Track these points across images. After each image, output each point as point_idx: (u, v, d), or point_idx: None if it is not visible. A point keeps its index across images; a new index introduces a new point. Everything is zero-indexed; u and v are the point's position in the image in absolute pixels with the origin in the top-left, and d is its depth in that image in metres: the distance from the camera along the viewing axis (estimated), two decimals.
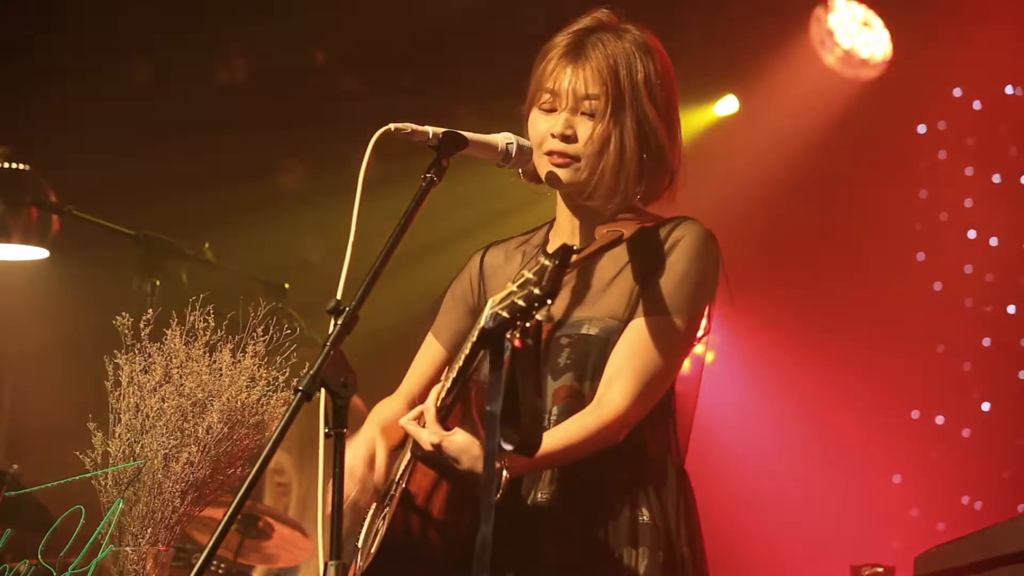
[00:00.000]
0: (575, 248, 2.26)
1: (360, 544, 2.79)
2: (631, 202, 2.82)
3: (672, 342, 2.70)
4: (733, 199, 6.76)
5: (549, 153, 2.78)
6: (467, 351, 2.46)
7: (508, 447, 2.20)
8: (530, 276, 2.17)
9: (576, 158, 2.77)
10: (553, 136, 2.78)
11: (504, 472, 2.52)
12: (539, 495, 2.71)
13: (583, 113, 2.77)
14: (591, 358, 2.72)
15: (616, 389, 2.66)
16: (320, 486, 2.42)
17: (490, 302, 2.22)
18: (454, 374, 2.54)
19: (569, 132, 2.77)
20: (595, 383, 2.71)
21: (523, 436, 2.21)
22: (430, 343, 2.99)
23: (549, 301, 2.15)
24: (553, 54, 2.82)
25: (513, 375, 2.17)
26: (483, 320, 2.23)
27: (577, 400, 2.71)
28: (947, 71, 6.85)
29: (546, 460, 2.61)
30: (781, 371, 6.94)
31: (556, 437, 2.62)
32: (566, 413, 2.70)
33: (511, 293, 2.18)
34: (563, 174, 2.78)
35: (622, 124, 2.76)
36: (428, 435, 2.58)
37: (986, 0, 6.64)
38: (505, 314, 2.18)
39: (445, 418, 2.59)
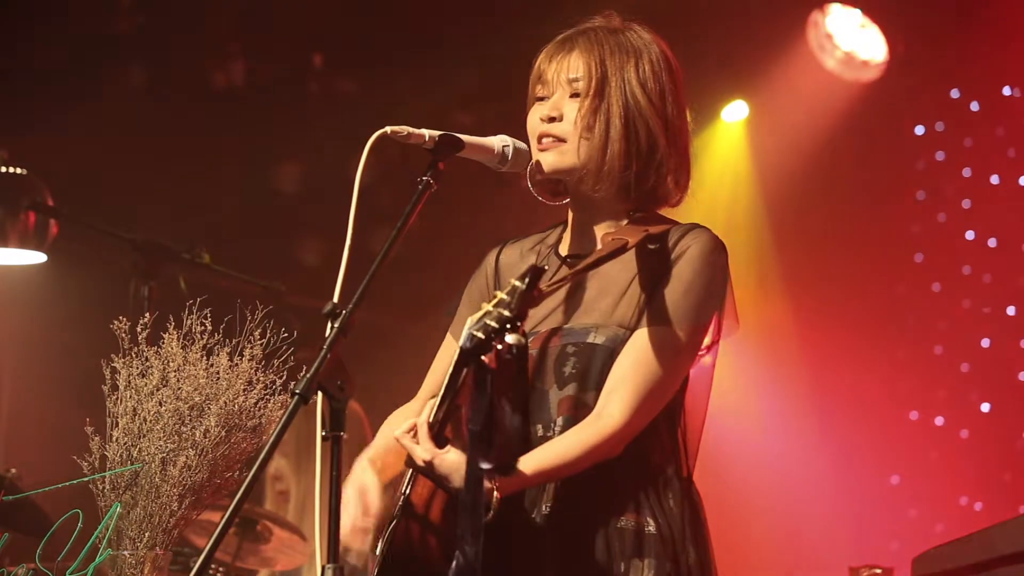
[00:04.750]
0: (544, 268, 2.26)
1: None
2: (623, 192, 2.75)
3: (675, 354, 2.64)
4: (732, 200, 6.77)
5: (539, 140, 2.75)
6: (451, 369, 2.42)
7: (484, 466, 2.20)
8: (503, 297, 2.18)
9: (562, 139, 2.73)
10: (542, 120, 2.75)
11: (495, 492, 2.47)
12: (543, 508, 2.64)
13: (571, 97, 2.74)
14: (595, 368, 2.65)
15: (615, 402, 2.60)
16: (317, 492, 2.41)
17: (468, 321, 2.21)
18: (443, 390, 2.48)
19: (555, 113, 2.73)
20: (599, 393, 2.64)
21: (496, 457, 2.20)
22: (449, 344, 2.92)
23: (519, 323, 2.15)
24: (546, 49, 2.81)
25: (491, 395, 2.17)
26: (461, 340, 2.21)
27: (581, 410, 2.64)
28: (945, 72, 6.85)
29: (541, 476, 2.56)
30: (780, 371, 6.94)
31: (552, 452, 2.57)
32: (570, 423, 2.63)
33: (486, 313, 2.18)
34: (546, 158, 2.73)
35: (608, 104, 2.71)
36: (421, 452, 2.50)
37: (985, 1, 6.64)
38: (480, 335, 2.17)
39: (438, 434, 2.51)
